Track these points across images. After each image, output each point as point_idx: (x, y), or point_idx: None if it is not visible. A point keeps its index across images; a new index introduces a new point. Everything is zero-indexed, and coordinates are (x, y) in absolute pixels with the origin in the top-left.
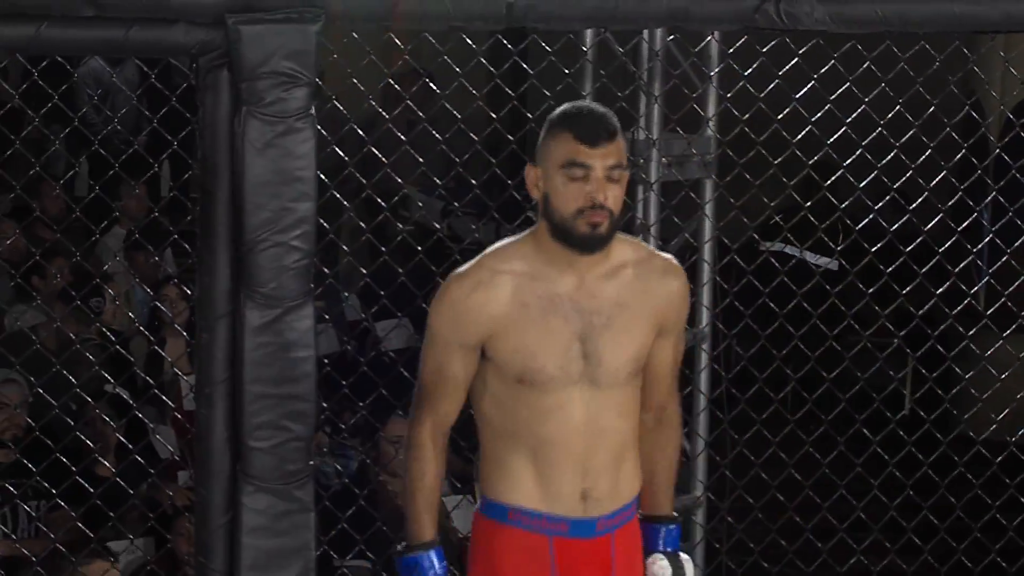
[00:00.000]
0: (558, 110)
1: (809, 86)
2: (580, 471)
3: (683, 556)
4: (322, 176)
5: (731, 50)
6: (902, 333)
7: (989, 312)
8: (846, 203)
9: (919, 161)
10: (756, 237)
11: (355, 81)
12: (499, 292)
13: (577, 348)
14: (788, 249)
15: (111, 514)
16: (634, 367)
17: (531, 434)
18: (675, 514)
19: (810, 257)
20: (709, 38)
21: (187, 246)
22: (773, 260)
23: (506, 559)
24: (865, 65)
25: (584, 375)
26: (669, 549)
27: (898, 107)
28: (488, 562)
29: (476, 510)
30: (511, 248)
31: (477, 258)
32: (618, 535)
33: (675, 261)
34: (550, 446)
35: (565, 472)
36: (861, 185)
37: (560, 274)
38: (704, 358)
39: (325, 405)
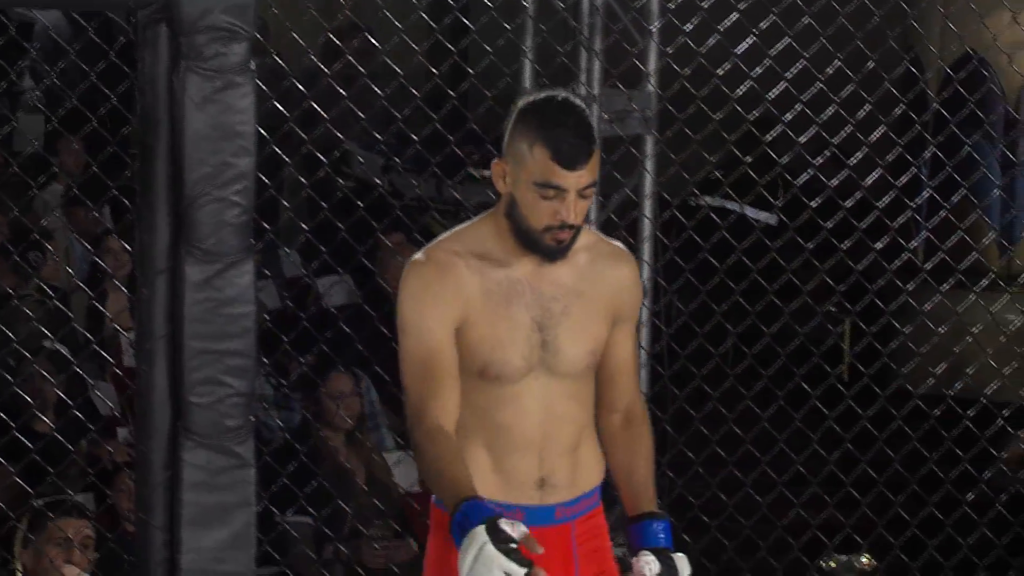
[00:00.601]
0: (537, 105)
1: (749, 42)
2: (537, 458)
3: (676, 555)
4: (262, 131)
5: (671, 5)
6: (841, 288)
7: (927, 266)
8: (785, 158)
9: (858, 116)
10: (696, 192)
11: (295, 36)
12: (466, 277)
13: (536, 337)
14: (728, 204)
15: (51, 470)
16: (591, 359)
17: (488, 422)
18: (659, 511)
19: (750, 212)
20: None
21: (127, 202)
22: (713, 215)
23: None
24: (805, 20)
25: (542, 363)
26: (654, 545)
27: (837, 62)
28: (445, 554)
29: (432, 501)
30: (467, 233)
31: (433, 243)
32: (578, 524)
33: (623, 247)
34: (507, 433)
35: (522, 459)
36: (801, 140)
37: (518, 259)
38: (644, 313)
39: (266, 361)
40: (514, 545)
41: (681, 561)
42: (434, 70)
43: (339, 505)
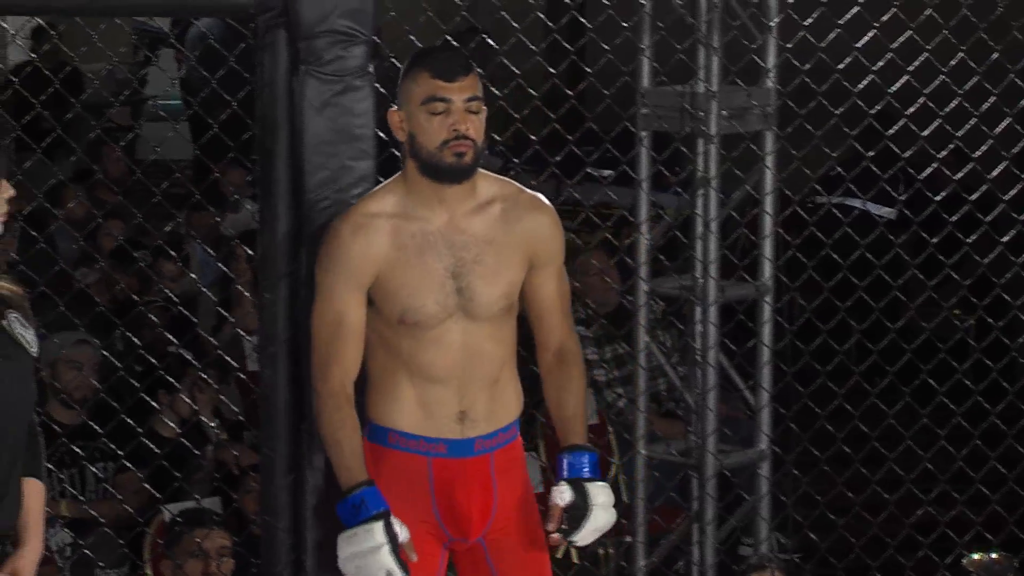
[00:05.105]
0: (413, 54)
1: (870, 35)
2: (457, 394)
3: (594, 484)
4: (381, 134)
5: (790, 0)
6: (967, 282)
7: None
8: (908, 153)
9: (982, 109)
10: (818, 188)
11: (412, 39)
12: (378, 235)
13: (451, 284)
14: (848, 201)
15: (177, 475)
16: (506, 302)
17: (410, 362)
18: (584, 444)
19: (872, 208)
20: None
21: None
22: (836, 211)
23: (388, 481)
24: (927, 12)
25: (459, 307)
26: (573, 476)
27: (961, 54)
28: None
29: (364, 437)
30: (381, 193)
31: (352, 206)
32: (497, 455)
33: (543, 197)
34: (428, 370)
35: (443, 394)
36: (924, 134)
37: (431, 212)
38: (767, 311)
39: None
40: (397, 547)
41: (596, 489)
42: (552, 70)
43: None
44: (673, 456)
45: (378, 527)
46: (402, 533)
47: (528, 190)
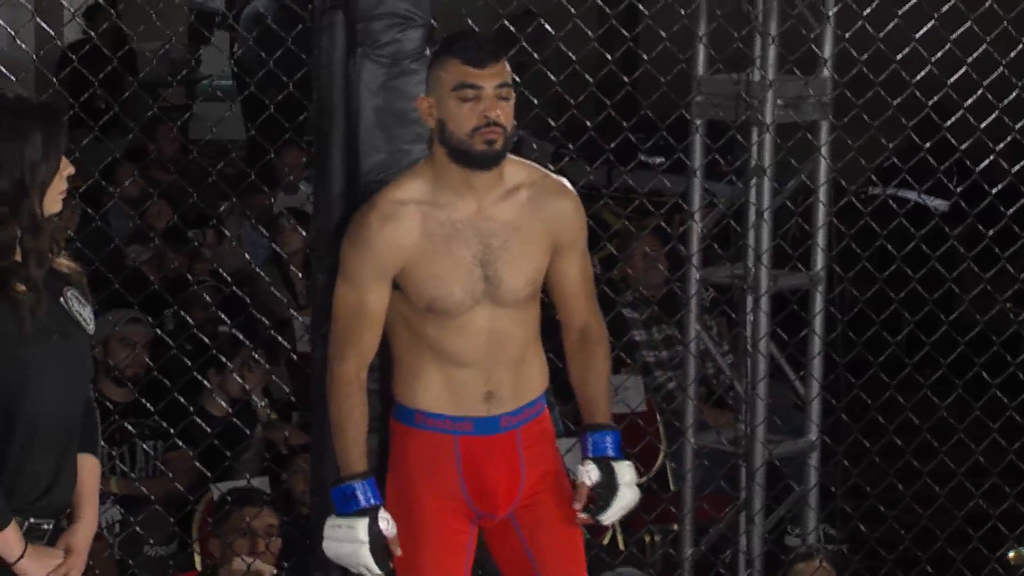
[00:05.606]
0: (441, 41)
1: (928, 25)
2: (483, 376)
3: (619, 463)
4: None
5: None
6: (1023, 276)
7: None
8: (965, 144)
9: None
10: (873, 179)
11: (469, 22)
12: (406, 224)
13: (479, 272)
14: (901, 192)
15: (227, 453)
16: (531, 288)
17: (438, 348)
18: (607, 423)
19: (927, 200)
20: None
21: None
22: (891, 202)
23: (415, 460)
24: (987, 3)
25: (486, 295)
26: (598, 455)
27: (1021, 46)
28: (401, 465)
29: (391, 417)
30: (409, 179)
31: (380, 192)
32: (523, 431)
33: (567, 182)
34: (454, 355)
35: (469, 377)
36: (982, 126)
37: (459, 199)
38: (820, 301)
39: None
40: (380, 544)
41: (622, 468)
42: (607, 56)
43: None
44: (722, 445)
45: (362, 524)
46: (389, 529)
47: (553, 175)
